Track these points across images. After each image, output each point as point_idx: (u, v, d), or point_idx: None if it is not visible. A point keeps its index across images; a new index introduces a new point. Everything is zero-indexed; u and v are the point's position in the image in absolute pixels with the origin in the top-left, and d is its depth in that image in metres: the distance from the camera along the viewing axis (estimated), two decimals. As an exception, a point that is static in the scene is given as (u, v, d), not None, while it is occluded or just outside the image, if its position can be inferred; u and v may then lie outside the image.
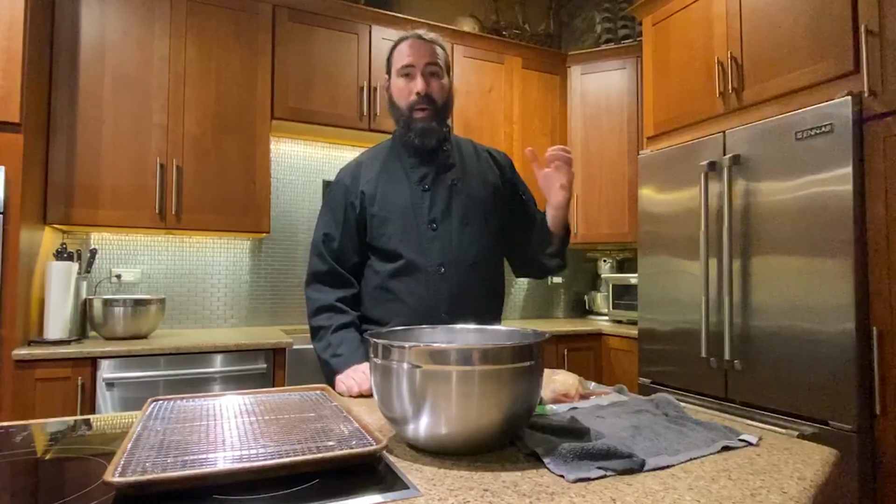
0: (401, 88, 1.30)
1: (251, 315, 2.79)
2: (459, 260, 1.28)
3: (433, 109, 1.29)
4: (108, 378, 1.96)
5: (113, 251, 2.54)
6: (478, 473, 0.67)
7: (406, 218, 1.28)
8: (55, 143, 2.17)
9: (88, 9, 2.24)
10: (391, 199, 1.30)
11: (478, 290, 1.31)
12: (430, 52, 1.29)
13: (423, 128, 1.28)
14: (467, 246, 1.29)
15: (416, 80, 1.27)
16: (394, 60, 1.32)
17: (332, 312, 1.28)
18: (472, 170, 1.37)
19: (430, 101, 1.28)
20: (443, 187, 1.31)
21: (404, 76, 1.29)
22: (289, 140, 2.90)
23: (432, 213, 1.29)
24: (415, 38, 1.29)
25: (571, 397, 1.03)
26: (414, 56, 1.27)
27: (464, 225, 1.30)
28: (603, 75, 3.18)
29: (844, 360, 1.65)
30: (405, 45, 1.29)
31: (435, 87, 1.29)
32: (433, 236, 1.28)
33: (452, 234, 1.29)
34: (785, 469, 0.70)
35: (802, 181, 1.79)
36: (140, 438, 0.71)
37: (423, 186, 1.31)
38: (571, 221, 3.18)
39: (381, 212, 1.30)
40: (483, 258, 1.32)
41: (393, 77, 1.33)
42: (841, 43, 1.77)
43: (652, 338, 2.38)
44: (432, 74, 1.29)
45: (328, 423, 0.80)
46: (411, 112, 1.28)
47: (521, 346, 0.72)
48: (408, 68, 1.28)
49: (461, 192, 1.32)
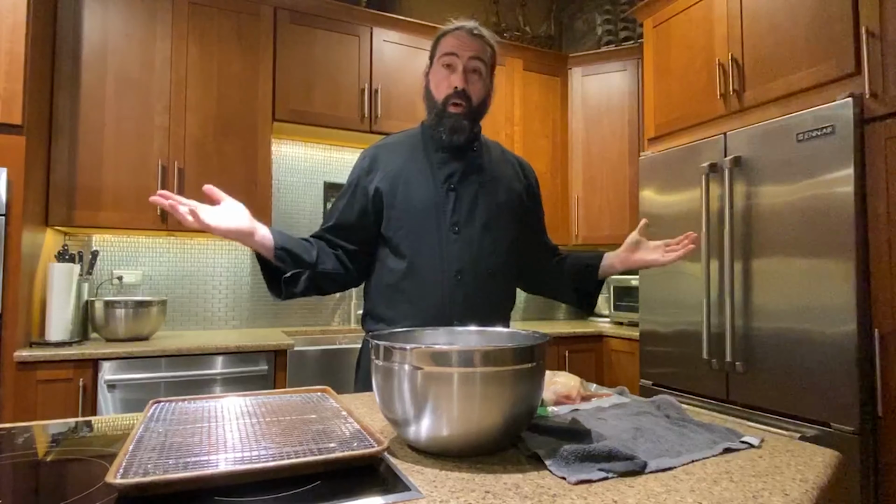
0: (439, 79, 1.24)
1: (252, 317, 2.79)
2: (477, 267, 1.23)
3: (468, 107, 1.23)
4: (110, 380, 1.96)
5: (114, 253, 2.54)
6: (479, 475, 0.67)
7: (427, 217, 1.23)
8: (57, 145, 2.17)
9: (91, 11, 2.25)
10: (413, 195, 1.24)
11: (492, 299, 1.26)
12: (476, 47, 1.23)
13: (454, 124, 1.22)
14: (488, 253, 1.24)
15: (457, 72, 1.21)
16: (439, 48, 1.25)
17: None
18: (499, 174, 1.32)
19: (465, 97, 1.22)
20: (469, 189, 1.26)
21: (446, 66, 1.23)
22: (290, 142, 2.90)
23: (455, 216, 1.23)
24: (463, 29, 1.24)
25: (573, 399, 1.03)
26: (459, 47, 1.22)
27: (486, 231, 1.25)
28: (604, 77, 3.18)
29: (846, 362, 1.65)
30: (452, 35, 1.23)
31: (474, 86, 1.23)
32: (454, 239, 1.22)
33: (474, 240, 1.23)
34: (787, 471, 0.70)
35: (803, 183, 1.79)
36: (142, 440, 0.72)
37: (448, 185, 1.25)
38: (573, 223, 3.20)
39: (402, 205, 1.23)
40: (501, 267, 1.27)
41: (434, 65, 1.26)
42: (842, 44, 1.77)
43: (653, 340, 2.38)
44: (474, 71, 1.23)
45: (329, 425, 0.80)
46: (445, 105, 1.22)
47: (522, 348, 0.72)
48: (450, 57, 1.22)
49: (487, 196, 1.27)
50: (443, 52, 1.24)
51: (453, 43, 1.23)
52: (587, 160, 3.19)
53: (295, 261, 1.16)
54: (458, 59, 1.22)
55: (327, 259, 1.23)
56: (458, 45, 1.23)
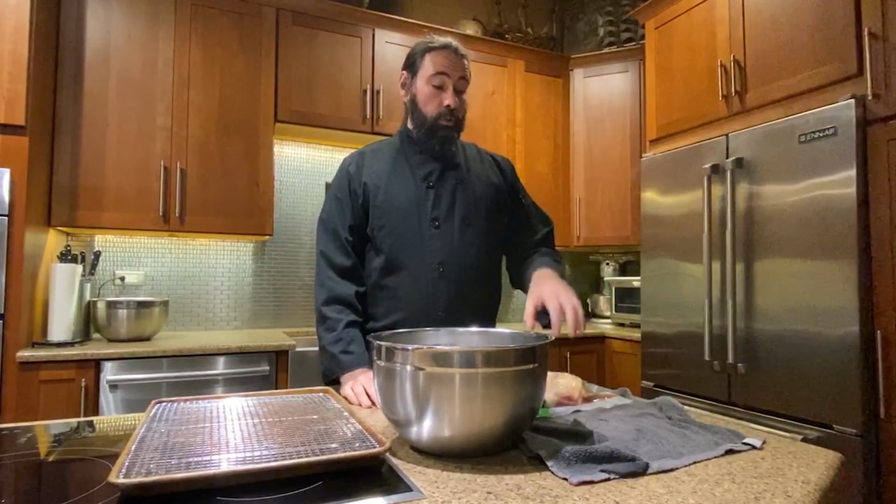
0: (429, 96, 1.30)
1: (254, 317, 2.79)
2: (459, 259, 1.29)
3: (456, 121, 1.32)
4: (112, 380, 1.96)
5: (116, 253, 2.54)
6: (481, 476, 0.67)
7: (408, 214, 1.29)
8: (60, 146, 2.18)
9: (93, 12, 2.26)
10: (395, 194, 1.31)
11: (475, 291, 1.32)
12: (463, 67, 1.31)
13: (445, 136, 1.31)
14: (468, 246, 1.30)
15: (448, 92, 1.29)
16: (425, 64, 1.31)
17: (346, 307, 1.27)
18: (475, 171, 1.39)
19: (455, 114, 1.31)
20: (447, 185, 1.32)
21: (436, 86, 1.30)
22: (292, 143, 2.91)
23: (435, 211, 1.30)
24: (450, 49, 1.31)
25: (574, 400, 1.03)
26: (449, 68, 1.29)
27: (465, 225, 1.31)
28: (605, 78, 3.18)
29: (848, 364, 1.65)
30: (441, 54, 1.30)
31: (461, 103, 1.32)
32: (435, 234, 1.29)
33: (454, 234, 1.30)
34: (789, 473, 0.70)
35: (805, 184, 1.79)
36: (144, 440, 0.72)
37: (427, 183, 1.32)
38: (574, 224, 3.20)
39: (384, 205, 1.30)
40: (482, 259, 1.33)
41: (420, 81, 1.32)
42: (844, 46, 1.77)
43: (655, 341, 2.37)
44: (460, 91, 1.31)
45: (331, 425, 0.80)
46: (437, 121, 1.30)
47: (524, 349, 0.72)
48: (441, 77, 1.29)
49: (464, 192, 1.33)
50: (434, 70, 1.29)
51: (443, 63, 1.29)
52: (589, 161, 3.19)
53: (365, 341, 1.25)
54: (449, 80, 1.29)
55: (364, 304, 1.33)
56: (449, 65, 1.29)
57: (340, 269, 1.30)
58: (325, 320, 1.26)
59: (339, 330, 1.23)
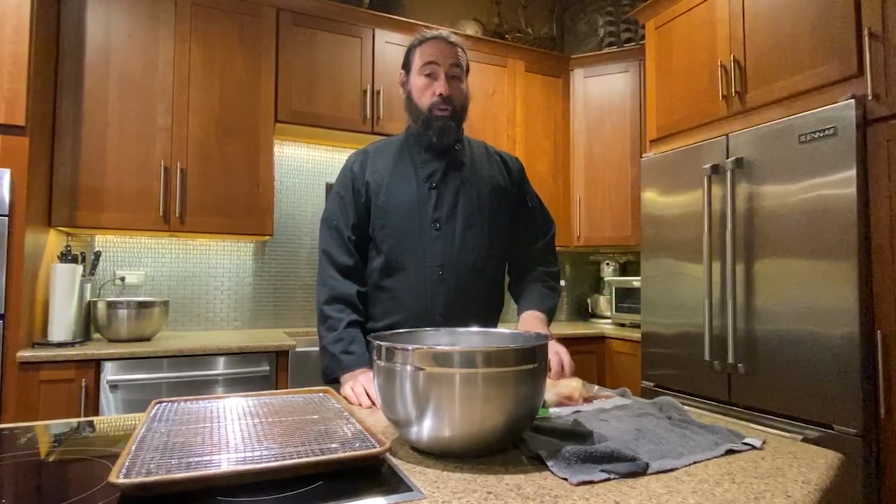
0: (421, 87, 1.28)
1: (254, 317, 2.79)
2: (459, 262, 1.27)
3: (452, 110, 1.28)
4: (112, 380, 1.96)
5: (117, 253, 2.54)
6: (481, 476, 0.67)
7: (409, 214, 1.27)
8: (60, 146, 2.18)
9: (94, 13, 2.26)
10: (397, 193, 1.29)
11: (476, 295, 1.30)
12: (454, 54, 1.28)
13: (442, 126, 1.27)
14: (469, 249, 1.28)
15: (440, 80, 1.27)
16: (416, 58, 1.30)
17: (348, 306, 1.26)
18: (481, 171, 1.36)
19: (450, 102, 1.28)
20: (450, 186, 1.30)
21: (427, 75, 1.28)
22: (292, 143, 2.91)
23: (437, 213, 1.28)
24: (440, 39, 1.29)
25: (575, 400, 1.03)
26: (439, 56, 1.27)
27: (467, 227, 1.29)
28: (606, 78, 3.18)
29: (849, 364, 1.65)
30: (429, 45, 1.29)
31: (456, 90, 1.29)
32: (436, 236, 1.27)
33: (455, 236, 1.28)
34: (789, 473, 0.70)
35: (806, 184, 1.79)
36: (144, 440, 0.72)
37: (430, 184, 1.29)
38: (574, 224, 3.20)
39: (385, 204, 1.28)
40: (483, 262, 1.30)
41: (413, 75, 1.31)
42: (844, 46, 1.77)
43: (655, 341, 2.37)
44: (454, 77, 1.28)
45: (331, 426, 0.80)
46: (431, 111, 1.27)
47: (524, 349, 0.72)
48: (431, 66, 1.27)
49: (468, 193, 1.31)
50: (423, 61, 1.28)
51: (432, 52, 1.28)
52: (589, 161, 3.19)
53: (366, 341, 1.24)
54: (440, 67, 1.27)
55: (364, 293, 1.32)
56: (438, 53, 1.28)
57: (342, 268, 1.29)
58: (326, 319, 1.26)
59: (340, 329, 1.23)
